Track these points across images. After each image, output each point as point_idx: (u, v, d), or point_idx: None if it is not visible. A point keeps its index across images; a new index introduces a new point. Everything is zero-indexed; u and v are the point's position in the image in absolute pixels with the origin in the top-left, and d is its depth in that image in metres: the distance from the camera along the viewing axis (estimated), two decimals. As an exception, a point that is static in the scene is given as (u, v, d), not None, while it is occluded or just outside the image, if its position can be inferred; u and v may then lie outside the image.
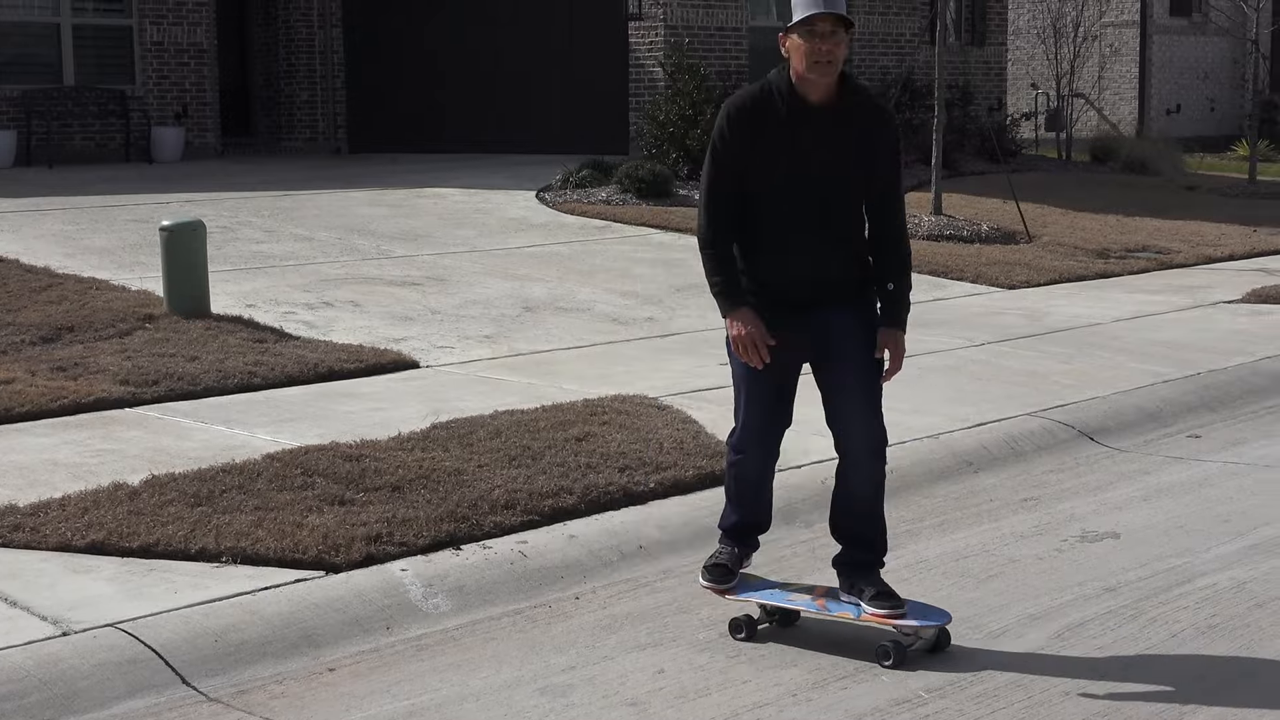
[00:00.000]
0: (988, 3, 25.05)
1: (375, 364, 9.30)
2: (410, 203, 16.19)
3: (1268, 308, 12.35)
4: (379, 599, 5.58)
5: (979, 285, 13.22)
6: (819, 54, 5.08)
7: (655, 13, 19.93)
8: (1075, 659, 5.26)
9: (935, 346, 10.30)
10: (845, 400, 5.33)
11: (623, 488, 6.73)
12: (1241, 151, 26.95)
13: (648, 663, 5.23)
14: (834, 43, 5.08)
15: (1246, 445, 8.37)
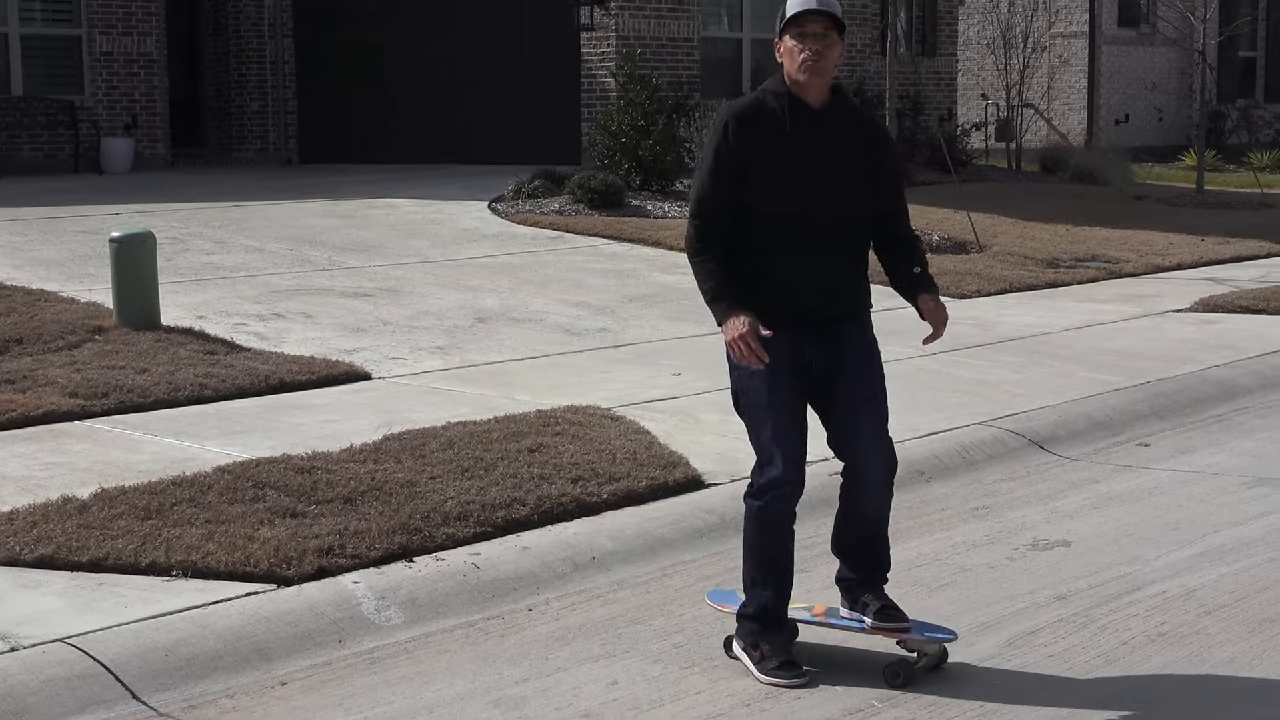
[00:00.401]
0: (938, 14, 25.19)
1: (327, 375, 9.26)
2: (362, 213, 16.14)
3: (1216, 316, 12.45)
4: (331, 612, 5.56)
5: (930, 295, 13.24)
6: (809, 55, 5.02)
7: (607, 23, 19.95)
8: (1027, 667, 5.28)
9: (887, 356, 10.18)
10: (858, 418, 5.19)
11: (576, 499, 6.72)
12: (1189, 161, 27.14)
13: (601, 674, 5.22)
14: (825, 44, 5.03)
15: (1195, 453, 8.43)
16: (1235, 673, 5.21)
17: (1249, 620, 5.71)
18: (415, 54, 21.87)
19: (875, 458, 5.20)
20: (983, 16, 29.23)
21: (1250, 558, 6.48)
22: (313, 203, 16.85)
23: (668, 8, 20.45)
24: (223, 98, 23.49)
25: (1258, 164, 27.26)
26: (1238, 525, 6.98)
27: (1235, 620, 5.71)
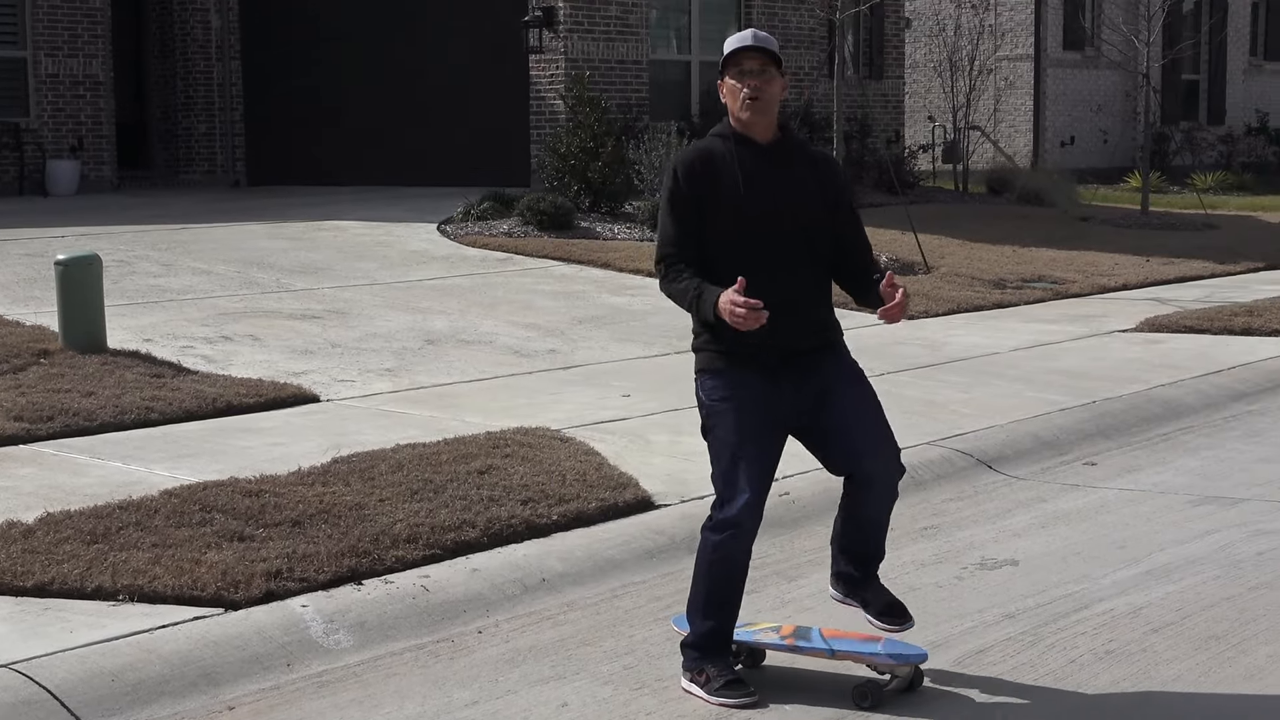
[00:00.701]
0: (885, 37, 25.34)
1: (275, 398, 9.22)
2: (310, 236, 16.09)
3: (1161, 336, 12.55)
4: (279, 636, 5.53)
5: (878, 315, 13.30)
6: (749, 91, 5.06)
7: (556, 45, 19.98)
8: (976, 685, 5.29)
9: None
10: (866, 433, 5.18)
11: (525, 520, 6.71)
12: (1134, 183, 27.36)
13: (551, 696, 5.21)
14: (764, 80, 5.07)
15: (1141, 472, 8.49)
16: (1182, 690, 5.24)
17: (1195, 638, 5.75)
18: (364, 76, 21.84)
19: (887, 465, 5.22)
20: (929, 39, 29.40)
21: (1196, 575, 6.53)
22: (260, 225, 16.79)
23: (616, 30, 20.50)
24: (170, 120, 23.38)
25: (1201, 185, 27.52)
26: (1184, 543, 7.04)
27: (1182, 638, 5.75)
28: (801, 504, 7.38)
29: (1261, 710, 5.08)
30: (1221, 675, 5.37)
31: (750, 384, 5.09)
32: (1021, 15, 30.97)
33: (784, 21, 22.63)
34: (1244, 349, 11.85)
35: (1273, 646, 5.64)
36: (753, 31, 5.21)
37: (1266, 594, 6.26)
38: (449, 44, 21.13)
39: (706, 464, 7.87)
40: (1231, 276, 17.05)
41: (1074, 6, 31.53)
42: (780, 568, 6.61)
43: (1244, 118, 36.35)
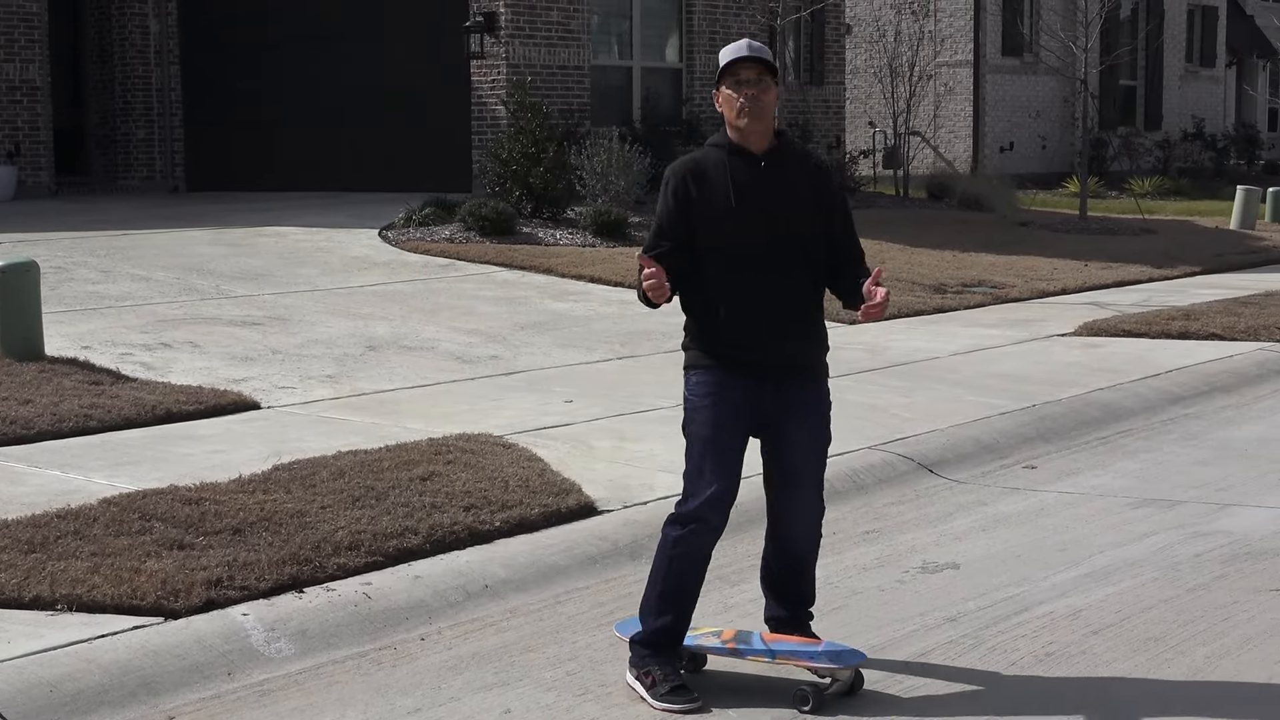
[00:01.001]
0: (826, 43, 25.44)
1: (215, 405, 9.15)
2: (250, 241, 16.00)
3: (1099, 340, 12.65)
4: (220, 644, 5.50)
5: (820, 321, 13.37)
6: (745, 101, 5.13)
7: (497, 51, 19.95)
8: (918, 688, 5.32)
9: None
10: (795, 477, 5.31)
11: (468, 527, 6.69)
12: (1072, 188, 27.57)
13: (494, 703, 5.20)
14: (760, 89, 5.14)
15: (1080, 475, 8.56)
16: (1120, 691, 5.28)
17: (1134, 640, 5.80)
18: (304, 82, 21.75)
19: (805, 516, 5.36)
20: (870, 45, 29.55)
21: (1135, 578, 6.59)
22: (200, 231, 16.69)
23: (558, 36, 20.49)
24: (108, 125, 23.20)
25: (1139, 190, 27.76)
26: (1122, 546, 7.09)
27: (1121, 640, 5.80)
28: (743, 508, 7.37)
29: (1200, 710, 5.12)
30: (1161, 676, 5.41)
31: (733, 384, 5.18)
32: (961, 21, 31.17)
33: (725, 27, 22.67)
34: (1181, 352, 11.96)
35: (1210, 648, 5.69)
36: (748, 41, 5.26)
37: (1204, 595, 6.32)
38: (390, 49, 21.06)
39: (649, 470, 7.93)
40: (1169, 281, 17.21)
41: (1013, 13, 31.76)
42: (722, 572, 6.60)
43: (1180, 123, 36.74)
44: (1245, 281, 17.06)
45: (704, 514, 5.18)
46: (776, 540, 5.47)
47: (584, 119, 20.54)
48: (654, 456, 8.16)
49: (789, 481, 5.32)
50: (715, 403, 5.19)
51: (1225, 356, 11.84)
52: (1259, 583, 6.48)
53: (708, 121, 22.18)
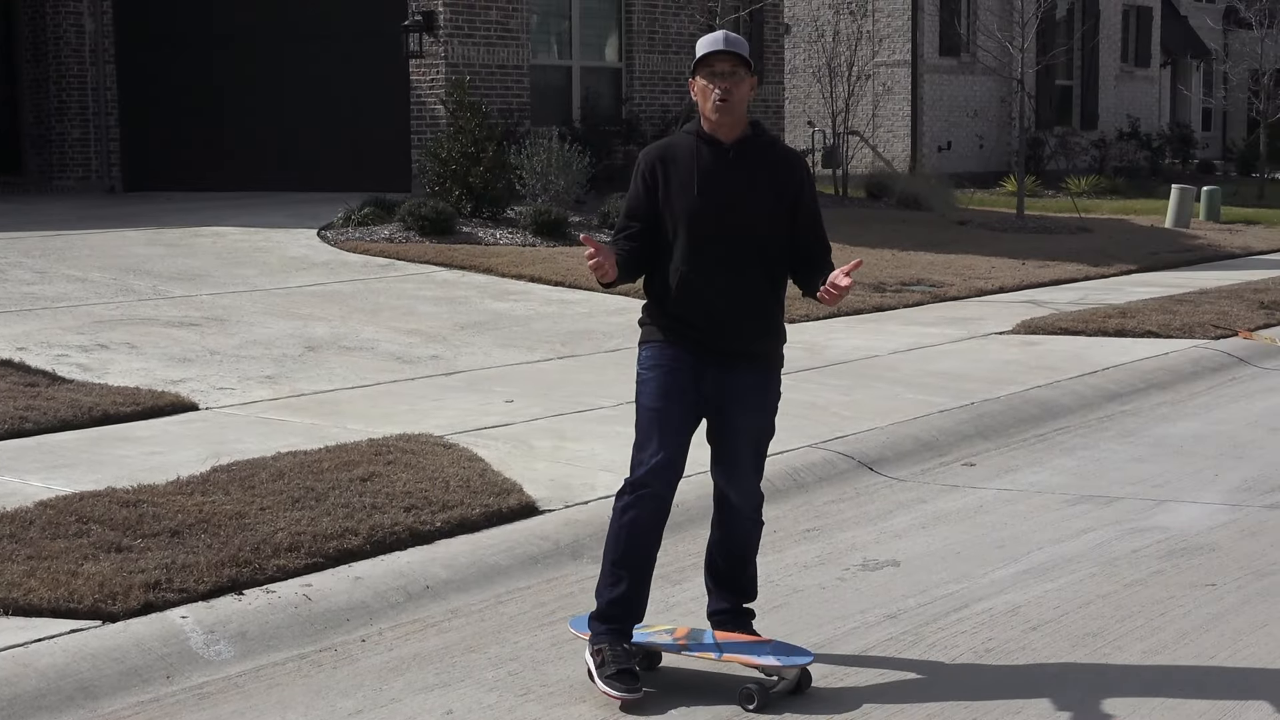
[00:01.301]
0: (764, 42, 25.50)
1: (153, 406, 9.07)
2: (188, 242, 15.90)
3: (1037, 338, 12.73)
4: (159, 647, 5.46)
5: (760, 319, 13.40)
6: (719, 93, 5.21)
7: (436, 50, 19.90)
8: (859, 685, 5.35)
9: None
10: (736, 464, 5.41)
11: (409, 528, 6.67)
12: (1010, 187, 27.76)
13: (436, 704, 5.19)
14: (733, 81, 5.22)
15: (1019, 472, 8.62)
16: (1060, 687, 5.32)
17: (1072, 635, 5.84)
18: (242, 81, 21.61)
19: (745, 499, 5.45)
20: (808, 45, 29.65)
21: (1073, 574, 6.64)
22: (137, 231, 16.56)
23: (497, 35, 20.45)
24: (43, 125, 22.97)
25: (1075, 189, 27.99)
26: (1060, 542, 7.15)
27: (1059, 635, 5.84)
28: (684, 507, 7.39)
29: (1135, 704, 5.16)
30: (1099, 671, 5.45)
31: (680, 359, 5.30)
32: (899, 21, 31.33)
33: (664, 27, 22.71)
34: (1118, 350, 12.06)
35: (1147, 643, 5.74)
36: (724, 34, 5.33)
37: (1141, 591, 6.37)
38: (328, 48, 20.97)
39: (590, 469, 7.93)
40: (1105, 279, 17.35)
41: (950, 13, 31.94)
42: (664, 571, 6.60)
43: (1116, 123, 37.05)
44: (1180, 279, 17.22)
45: (649, 480, 5.25)
46: (722, 528, 5.54)
47: (523, 118, 20.51)
48: (595, 456, 8.16)
49: (730, 467, 5.41)
50: (660, 375, 5.30)
51: (1161, 354, 11.94)
52: (1195, 578, 6.55)
53: (647, 121, 22.22)
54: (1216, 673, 5.44)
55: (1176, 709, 5.10)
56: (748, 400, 5.36)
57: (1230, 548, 7.01)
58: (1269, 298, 14.90)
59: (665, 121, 22.10)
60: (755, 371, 5.38)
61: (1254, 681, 5.34)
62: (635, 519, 5.28)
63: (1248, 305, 14.35)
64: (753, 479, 5.45)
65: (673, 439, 5.26)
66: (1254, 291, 15.42)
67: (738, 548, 5.56)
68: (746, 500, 5.47)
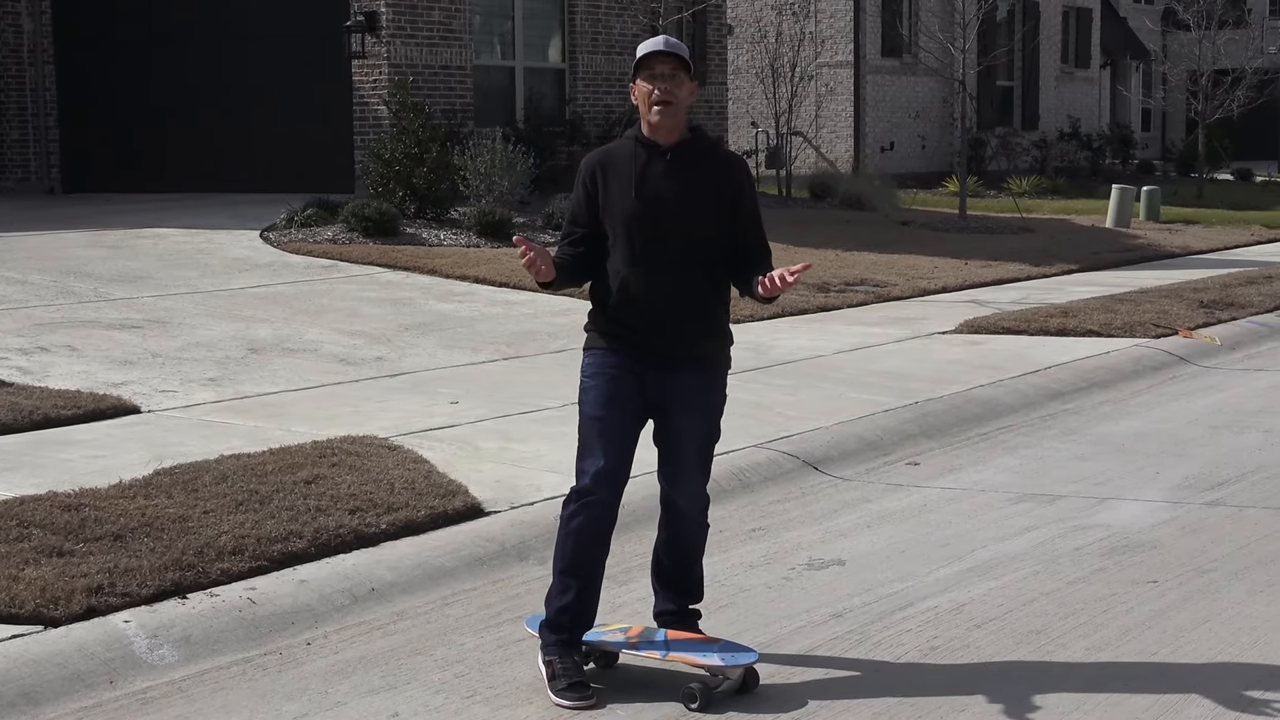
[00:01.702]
0: (708, 43, 25.54)
1: (94, 410, 9.01)
2: (129, 243, 15.79)
3: (980, 338, 12.81)
4: (101, 652, 5.43)
5: (705, 320, 13.44)
6: (659, 94, 5.23)
7: (379, 51, 19.83)
8: (805, 684, 5.36)
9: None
10: (680, 467, 5.43)
11: (354, 530, 6.65)
12: (952, 187, 27.92)
13: (382, 707, 5.18)
14: (673, 83, 5.24)
15: (962, 471, 8.67)
16: (1004, 684, 5.35)
17: (1017, 633, 5.88)
18: (183, 81, 21.50)
19: (691, 501, 5.48)
20: (751, 46, 29.72)
21: (1016, 572, 6.68)
22: (77, 233, 16.44)
23: (440, 36, 20.41)
24: (-20, 126, 22.79)
25: (1017, 189, 28.17)
26: (1004, 540, 7.20)
27: (1004, 633, 5.88)
28: (631, 508, 7.38)
29: (1078, 701, 5.20)
30: (1042, 668, 5.49)
31: (620, 365, 5.32)
32: (841, 22, 31.45)
33: (607, 28, 22.71)
34: (1059, 349, 12.15)
35: (1091, 640, 5.79)
36: (664, 37, 5.36)
37: (1084, 588, 6.42)
38: (269, 48, 20.87)
39: (535, 470, 7.92)
40: (1047, 279, 17.48)
41: (892, 14, 32.10)
42: (611, 572, 6.60)
43: (1057, 123, 37.33)
44: (1121, 279, 17.37)
45: (593, 488, 5.27)
46: (669, 529, 5.56)
47: (467, 119, 20.47)
48: (540, 457, 8.16)
49: (674, 469, 5.44)
50: (602, 382, 5.32)
51: (1102, 353, 12.04)
52: (1137, 575, 6.60)
53: (591, 121, 22.21)
54: (1159, 669, 5.48)
55: (1120, 705, 5.14)
56: (690, 402, 5.37)
57: (1171, 545, 7.08)
58: (1208, 296, 15.05)
59: (609, 122, 22.09)
60: (698, 373, 5.38)
61: (1196, 678, 5.38)
62: (581, 526, 5.29)
63: (1188, 304, 14.49)
64: (698, 481, 5.46)
65: (616, 446, 5.29)
66: (1194, 290, 15.57)
67: (684, 550, 5.57)
68: (692, 503, 5.48)
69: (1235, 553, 6.92)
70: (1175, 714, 5.05)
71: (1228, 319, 14.00)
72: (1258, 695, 5.21)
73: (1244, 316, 14.25)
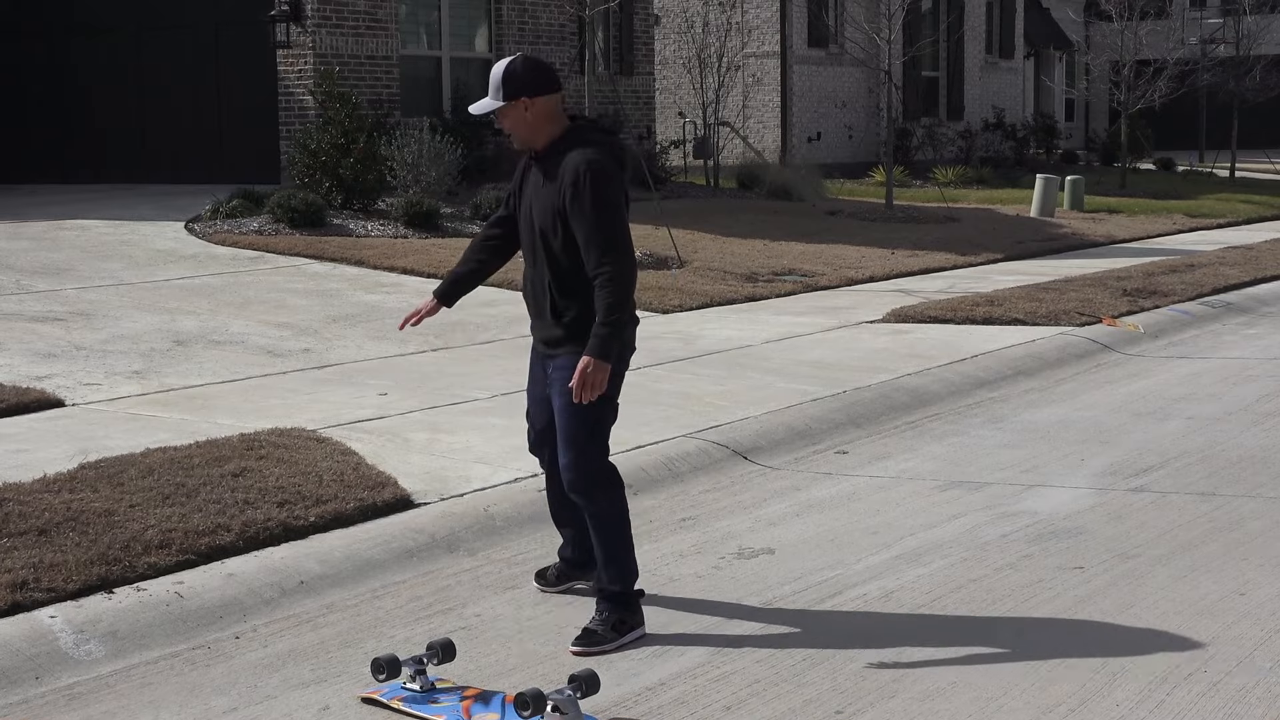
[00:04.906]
0: (635, 34, 25.57)
1: (17, 404, 8.94)
2: (52, 235, 15.66)
3: (907, 327, 12.91)
4: (26, 648, 5.40)
5: (633, 310, 13.47)
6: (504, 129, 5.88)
7: (304, 41, 19.72)
8: (735, 673, 5.39)
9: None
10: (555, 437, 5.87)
11: (282, 523, 6.64)
12: (879, 177, 28.09)
13: (312, 700, 5.18)
14: (503, 120, 5.81)
15: (891, 459, 8.73)
16: (933, 669, 5.40)
17: (945, 619, 5.93)
18: (103, 71, 21.33)
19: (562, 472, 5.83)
20: (678, 36, 29.78)
21: (945, 558, 6.74)
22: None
23: (365, 25, 20.32)
24: (-102, 116, 22.50)
25: (943, 179, 28.38)
26: (932, 527, 7.26)
27: (933, 619, 5.93)
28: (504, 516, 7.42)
29: (1006, 686, 5.26)
30: (969, 654, 5.54)
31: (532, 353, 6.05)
32: (767, 13, 31.55)
33: (534, 18, 22.68)
34: (986, 337, 12.27)
35: (1018, 625, 5.84)
36: (478, 103, 5.90)
37: (1011, 575, 6.48)
38: (192, 38, 20.74)
39: (465, 462, 7.92)
40: (973, 268, 17.64)
41: (818, 5, 32.24)
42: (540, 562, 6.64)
43: (982, 113, 37.61)
44: (1046, 267, 17.55)
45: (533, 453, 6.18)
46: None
47: (394, 109, 20.41)
48: (470, 448, 8.15)
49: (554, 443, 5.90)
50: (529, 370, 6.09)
51: (1028, 341, 12.16)
52: (1062, 561, 6.68)
53: (519, 112, 22.16)
54: (1086, 652, 5.53)
55: (1047, 688, 5.20)
56: (556, 383, 5.78)
57: (1097, 531, 7.16)
58: (1132, 285, 15.23)
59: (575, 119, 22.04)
60: (565, 357, 5.76)
61: (1121, 661, 5.44)
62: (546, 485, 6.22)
63: (1111, 292, 14.65)
64: (565, 454, 5.75)
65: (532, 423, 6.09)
66: (1117, 279, 15.75)
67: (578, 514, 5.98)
68: (563, 474, 5.80)
69: (1159, 538, 7.01)
70: (1102, 697, 5.11)
71: (1151, 307, 14.17)
72: (1183, 676, 5.28)
73: (1166, 304, 14.43)
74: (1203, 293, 15.21)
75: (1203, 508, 7.56)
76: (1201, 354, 12.42)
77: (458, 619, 5.96)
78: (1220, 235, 22.75)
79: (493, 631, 5.83)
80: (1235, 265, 17.54)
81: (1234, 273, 16.78)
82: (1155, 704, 5.03)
